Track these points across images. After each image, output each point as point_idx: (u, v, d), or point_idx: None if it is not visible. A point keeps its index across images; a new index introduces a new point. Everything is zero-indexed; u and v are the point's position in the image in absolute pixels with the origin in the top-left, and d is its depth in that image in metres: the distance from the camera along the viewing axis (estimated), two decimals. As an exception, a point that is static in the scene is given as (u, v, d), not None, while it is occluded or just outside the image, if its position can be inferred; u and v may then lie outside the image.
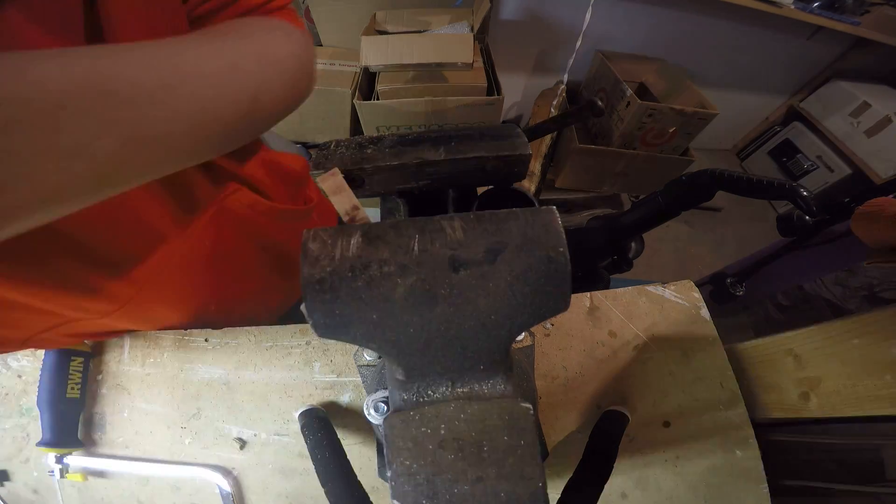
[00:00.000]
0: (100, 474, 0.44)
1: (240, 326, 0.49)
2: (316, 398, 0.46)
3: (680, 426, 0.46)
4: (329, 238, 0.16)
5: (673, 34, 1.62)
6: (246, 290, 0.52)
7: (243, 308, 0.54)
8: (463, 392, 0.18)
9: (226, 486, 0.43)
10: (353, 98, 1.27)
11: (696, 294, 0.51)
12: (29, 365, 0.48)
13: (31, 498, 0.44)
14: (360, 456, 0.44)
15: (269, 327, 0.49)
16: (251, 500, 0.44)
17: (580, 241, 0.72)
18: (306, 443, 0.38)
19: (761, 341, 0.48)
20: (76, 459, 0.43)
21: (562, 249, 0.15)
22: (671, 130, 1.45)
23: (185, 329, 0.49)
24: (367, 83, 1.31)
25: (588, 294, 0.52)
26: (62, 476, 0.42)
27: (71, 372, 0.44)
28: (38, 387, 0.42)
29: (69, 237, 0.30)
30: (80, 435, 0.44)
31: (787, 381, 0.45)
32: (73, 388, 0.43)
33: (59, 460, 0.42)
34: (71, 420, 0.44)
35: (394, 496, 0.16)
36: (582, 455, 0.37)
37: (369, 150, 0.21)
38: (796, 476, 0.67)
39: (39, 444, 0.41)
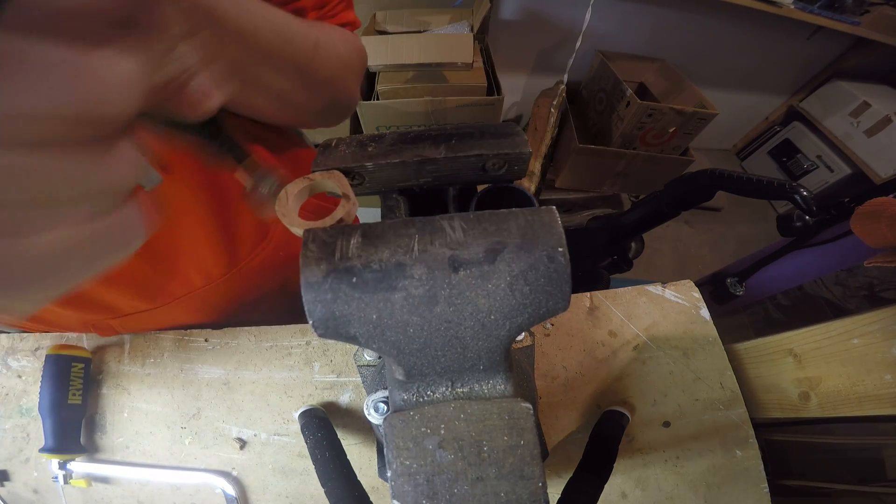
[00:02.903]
0: (104, 480, 0.44)
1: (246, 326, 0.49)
2: (316, 398, 0.46)
3: (680, 426, 0.46)
4: (329, 238, 0.16)
5: (673, 34, 1.62)
6: (266, 315, 0.54)
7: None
8: (463, 392, 0.18)
9: (231, 490, 0.43)
10: (352, 98, 1.27)
11: (696, 294, 0.51)
12: (29, 365, 0.47)
13: (31, 498, 0.44)
14: (360, 456, 0.44)
15: (269, 327, 0.49)
16: (252, 500, 0.44)
17: (580, 241, 0.72)
18: (306, 443, 0.38)
19: (761, 341, 0.48)
20: (80, 465, 0.43)
21: (561, 249, 0.15)
22: (671, 130, 1.45)
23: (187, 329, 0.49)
24: (367, 83, 1.31)
25: (588, 294, 0.52)
26: (66, 482, 0.42)
27: (72, 378, 0.43)
28: (40, 394, 0.42)
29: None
30: (81, 439, 0.44)
31: (787, 381, 0.45)
32: (74, 395, 0.43)
33: (62, 466, 0.42)
34: (73, 426, 0.43)
35: (394, 496, 0.16)
36: (582, 455, 0.37)
37: (370, 148, 0.21)
38: (796, 476, 0.67)
39: (42, 450, 0.41)
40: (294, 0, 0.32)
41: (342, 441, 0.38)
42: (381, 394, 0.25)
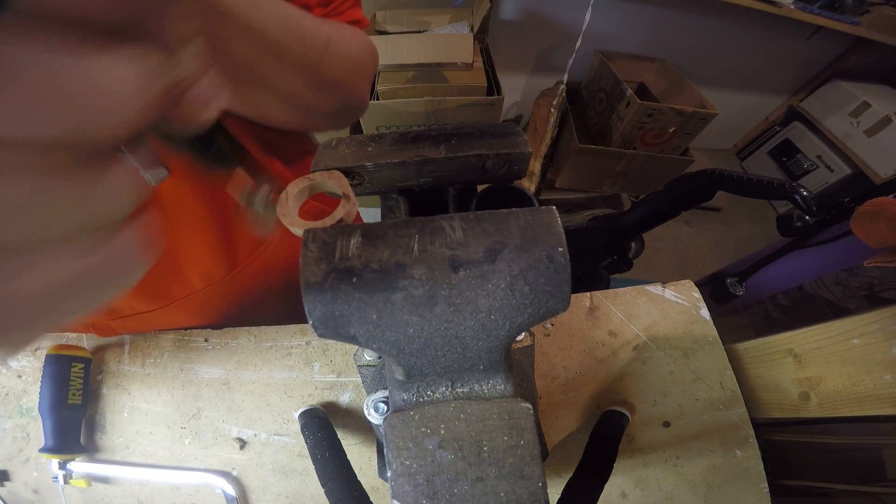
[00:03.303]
0: (103, 480, 0.44)
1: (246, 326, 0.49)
2: (316, 398, 0.46)
3: (680, 426, 0.46)
4: (329, 238, 0.16)
5: (673, 34, 1.62)
6: (267, 317, 0.54)
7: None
8: (463, 392, 0.18)
9: (231, 490, 0.43)
10: (353, 98, 1.27)
11: (696, 294, 0.51)
12: (29, 365, 0.48)
13: (31, 498, 0.44)
14: (360, 456, 0.44)
15: (269, 327, 0.49)
16: (252, 500, 0.44)
17: (580, 241, 0.72)
18: (306, 443, 0.38)
19: (761, 341, 0.48)
20: (79, 465, 0.43)
21: (562, 249, 0.15)
22: (671, 130, 1.45)
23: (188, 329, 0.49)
24: (367, 83, 1.30)
25: (588, 294, 0.52)
26: (66, 482, 0.42)
27: (72, 378, 0.43)
28: (40, 394, 0.42)
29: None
30: (81, 439, 0.44)
31: (787, 381, 0.45)
32: (74, 395, 0.43)
33: (62, 466, 0.42)
34: (73, 426, 0.43)
35: (394, 496, 0.16)
36: (582, 455, 0.37)
37: (370, 148, 0.21)
38: (796, 476, 0.67)
39: (42, 450, 0.41)
40: None
41: (342, 441, 0.38)
42: (381, 394, 0.25)
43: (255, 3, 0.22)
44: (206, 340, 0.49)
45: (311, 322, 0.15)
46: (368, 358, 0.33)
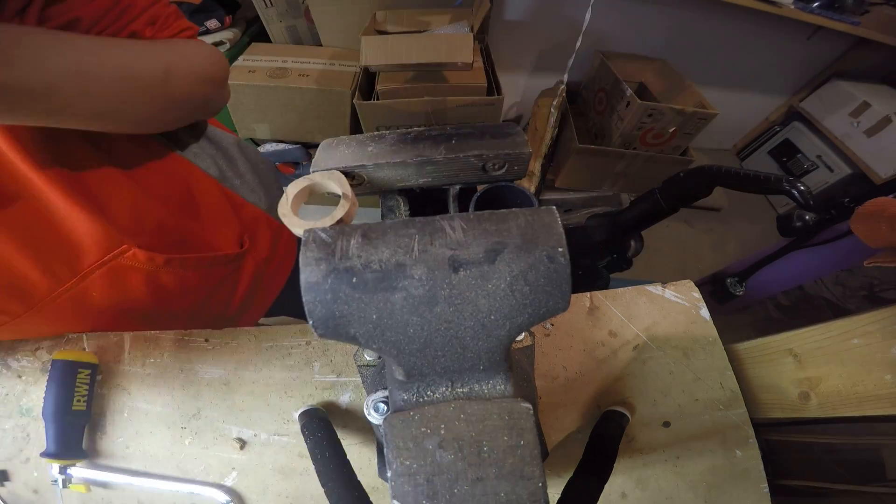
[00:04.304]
0: (103, 485, 0.44)
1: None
2: (316, 398, 0.46)
3: (680, 426, 0.46)
4: (329, 238, 0.16)
5: (673, 34, 1.62)
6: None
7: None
8: (463, 392, 0.18)
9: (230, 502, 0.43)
10: (352, 98, 1.27)
11: (696, 294, 0.51)
12: (29, 365, 0.47)
13: (31, 498, 0.44)
14: (360, 456, 0.44)
15: (268, 327, 0.49)
16: (251, 500, 0.44)
17: (580, 239, 0.72)
18: (306, 443, 0.38)
19: (761, 341, 0.48)
20: (79, 471, 0.43)
21: (561, 249, 0.15)
22: (671, 130, 1.45)
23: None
24: (367, 83, 1.31)
25: (588, 294, 0.51)
26: (65, 486, 0.42)
27: (77, 384, 0.43)
28: (44, 398, 0.42)
29: None
30: (83, 443, 0.44)
31: (787, 381, 0.45)
32: (79, 401, 0.43)
33: (62, 471, 0.42)
34: (76, 432, 0.43)
35: (394, 496, 0.16)
36: (582, 455, 0.37)
37: (370, 148, 0.21)
38: (796, 476, 0.67)
39: (43, 454, 0.41)
40: (128, 24, 0.33)
41: (342, 441, 0.38)
42: (381, 394, 0.26)
43: (82, 70, 0.25)
44: (206, 340, 0.49)
45: (311, 322, 0.15)
46: (368, 358, 0.33)
